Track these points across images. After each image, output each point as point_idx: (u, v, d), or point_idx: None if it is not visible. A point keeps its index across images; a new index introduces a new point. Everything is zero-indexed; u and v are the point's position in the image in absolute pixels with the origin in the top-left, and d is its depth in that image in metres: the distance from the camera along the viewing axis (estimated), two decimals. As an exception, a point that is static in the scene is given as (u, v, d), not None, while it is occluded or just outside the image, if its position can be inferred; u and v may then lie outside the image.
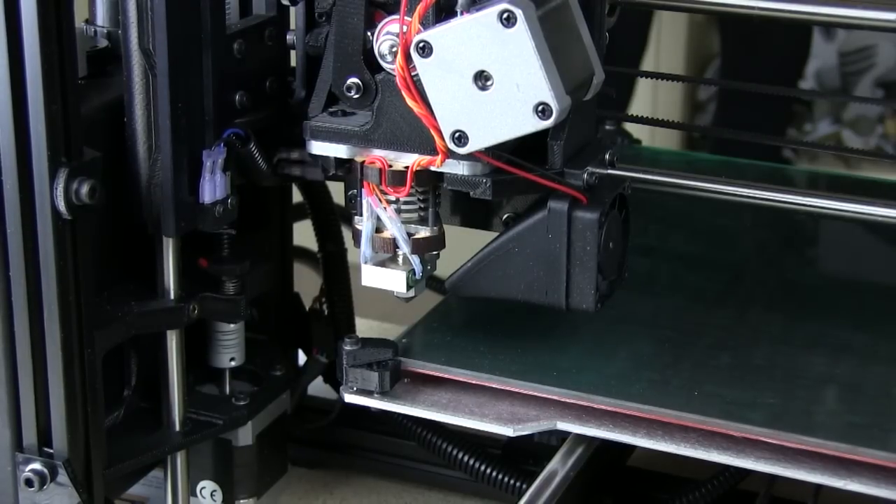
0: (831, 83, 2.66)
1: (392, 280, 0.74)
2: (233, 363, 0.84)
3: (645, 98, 2.32)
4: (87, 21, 0.79)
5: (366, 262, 0.74)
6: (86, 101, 0.72)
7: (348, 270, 0.93)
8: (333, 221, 0.92)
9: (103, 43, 0.78)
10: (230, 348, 0.84)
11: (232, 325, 0.83)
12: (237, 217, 0.77)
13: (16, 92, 0.66)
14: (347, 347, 0.74)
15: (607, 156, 0.74)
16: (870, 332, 0.80)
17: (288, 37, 0.80)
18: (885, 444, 0.67)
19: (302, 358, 0.93)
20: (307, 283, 0.94)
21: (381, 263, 0.74)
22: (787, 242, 0.95)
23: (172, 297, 0.77)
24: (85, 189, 0.68)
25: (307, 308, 0.93)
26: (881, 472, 0.67)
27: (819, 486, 0.75)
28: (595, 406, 0.72)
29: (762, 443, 0.69)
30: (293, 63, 0.81)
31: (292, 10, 0.78)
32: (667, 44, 2.42)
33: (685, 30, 2.51)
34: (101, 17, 0.79)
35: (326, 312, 0.93)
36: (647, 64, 2.27)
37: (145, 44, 0.72)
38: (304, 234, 0.93)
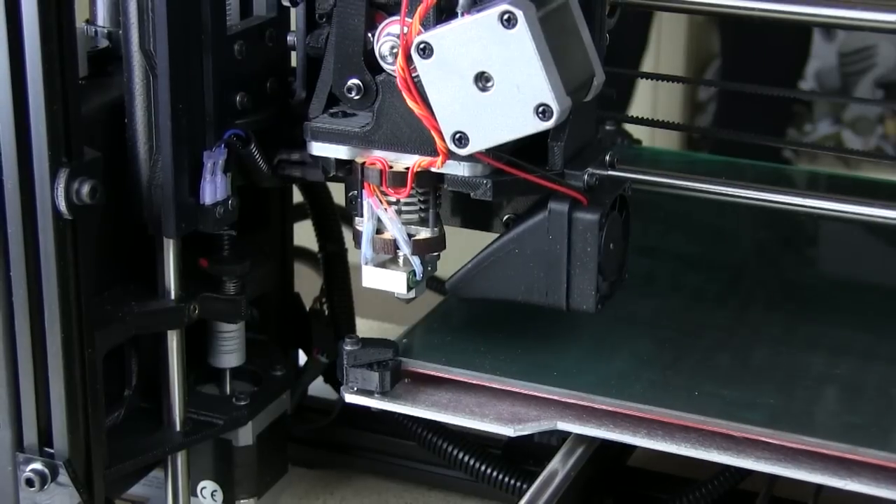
0: (831, 83, 2.66)
1: (393, 281, 0.74)
2: (233, 363, 0.84)
3: (645, 98, 2.31)
4: (87, 21, 0.79)
5: (366, 264, 0.74)
6: (86, 101, 0.72)
7: (348, 270, 0.93)
8: (333, 221, 0.92)
9: (104, 43, 0.78)
10: (231, 348, 0.84)
11: (232, 326, 0.83)
12: (237, 217, 0.77)
13: (16, 92, 0.66)
14: (348, 347, 0.74)
15: (608, 157, 0.74)
16: (870, 332, 0.80)
17: (289, 37, 0.80)
18: (885, 444, 0.67)
19: (302, 358, 0.93)
20: (307, 283, 0.94)
21: (382, 264, 0.74)
22: (787, 242, 0.95)
23: (173, 297, 0.77)
24: (86, 189, 0.68)
25: (307, 308, 0.93)
26: (881, 472, 0.67)
27: (819, 486, 0.75)
28: (595, 406, 0.72)
29: (762, 443, 0.69)
30: (293, 63, 0.81)
31: (293, 10, 0.78)
32: (667, 44, 2.42)
33: (685, 30, 2.51)
34: (102, 17, 0.79)
35: (327, 312, 0.93)
36: (647, 64, 2.27)
37: (146, 45, 0.72)
38: (304, 234, 0.93)
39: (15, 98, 0.66)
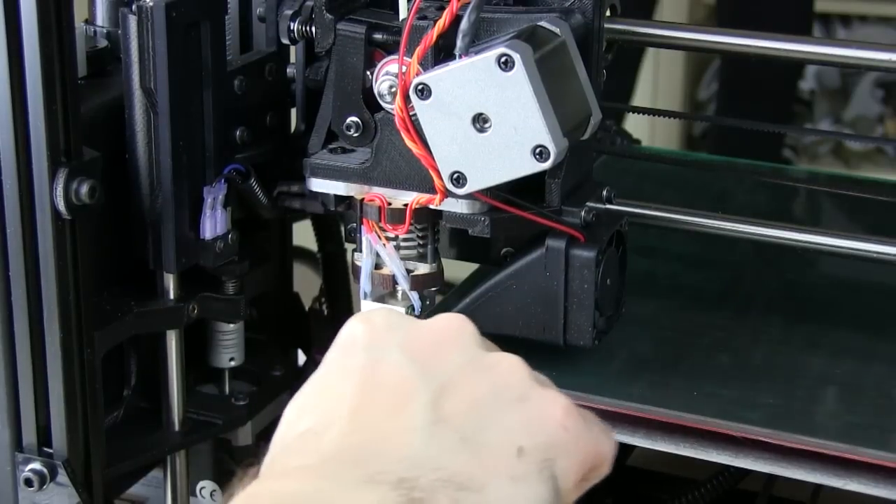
0: (831, 83, 2.66)
1: None
2: (232, 363, 0.84)
3: (645, 96, 2.32)
4: (87, 21, 0.79)
5: (365, 298, 0.74)
6: (86, 101, 0.72)
7: (348, 270, 0.93)
8: (333, 222, 0.92)
9: (103, 43, 0.78)
10: (230, 348, 0.84)
11: (232, 325, 0.83)
12: (237, 250, 0.77)
13: (16, 92, 0.66)
14: (347, 347, 0.74)
15: (605, 192, 0.74)
16: (870, 332, 0.80)
17: (288, 70, 0.80)
18: (885, 444, 0.67)
19: (302, 358, 0.93)
20: (307, 283, 0.94)
21: (381, 299, 0.74)
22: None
23: (172, 297, 0.77)
24: (85, 189, 0.68)
25: (307, 308, 0.93)
26: (881, 472, 0.67)
27: (819, 486, 0.75)
28: (595, 406, 0.72)
29: (762, 443, 0.69)
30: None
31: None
32: (667, 44, 2.42)
33: (685, 30, 2.51)
34: (101, 17, 0.79)
35: (326, 312, 0.93)
36: (647, 63, 2.28)
37: (146, 83, 0.71)
38: (304, 234, 0.93)
39: (14, 98, 0.66)
